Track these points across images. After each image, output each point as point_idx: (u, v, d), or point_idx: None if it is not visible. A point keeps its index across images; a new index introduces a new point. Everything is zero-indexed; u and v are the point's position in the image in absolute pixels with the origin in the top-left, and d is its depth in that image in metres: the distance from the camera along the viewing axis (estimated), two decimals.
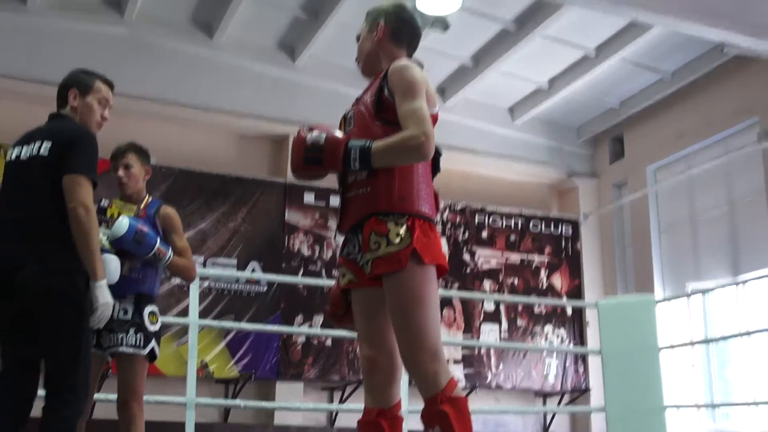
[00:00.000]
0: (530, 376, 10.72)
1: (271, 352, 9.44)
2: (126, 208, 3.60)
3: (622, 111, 11.31)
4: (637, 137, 11.40)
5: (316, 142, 2.51)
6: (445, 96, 10.96)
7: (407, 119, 2.49)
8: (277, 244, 9.88)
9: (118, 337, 3.41)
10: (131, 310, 3.47)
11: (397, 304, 2.45)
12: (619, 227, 11.71)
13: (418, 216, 2.51)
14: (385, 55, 2.77)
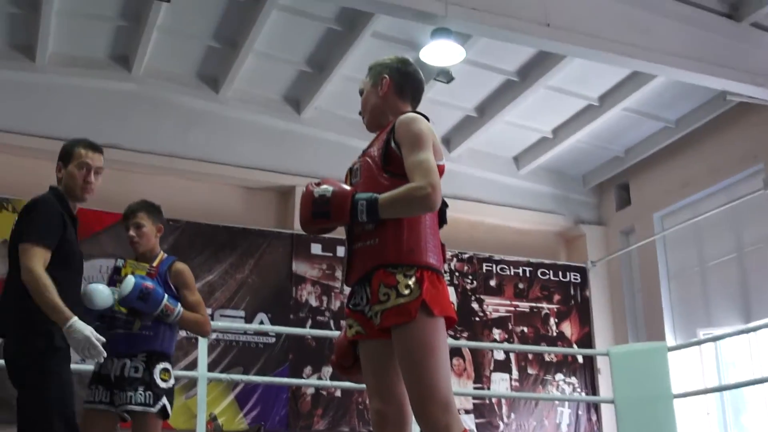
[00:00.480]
0: (543, 426, 10.58)
1: (281, 403, 9.34)
2: (139, 267, 3.61)
3: (627, 159, 11.32)
4: (643, 185, 11.39)
5: (324, 195, 2.51)
6: (450, 146, 11.01)
7: (414, 171, 2.49)
8: (284, 295, 9.84)
9: (127, 396, 3.41)
10: (142, 368, 3.47)
11: (407, 356, 2.43)
12: (627, 274, 11.64)
13: (427, 267, 2.50)
14: (390, 109, 2.78)
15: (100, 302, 3.38)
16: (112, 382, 3.47)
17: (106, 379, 3.49)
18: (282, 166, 10.19)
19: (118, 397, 3.44)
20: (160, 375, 3.51)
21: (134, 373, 3.46)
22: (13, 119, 9.07)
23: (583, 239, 11.87)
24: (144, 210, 3.80)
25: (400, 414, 2.51)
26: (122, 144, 9.48)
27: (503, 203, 11.47)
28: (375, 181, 2.57)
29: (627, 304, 11.46)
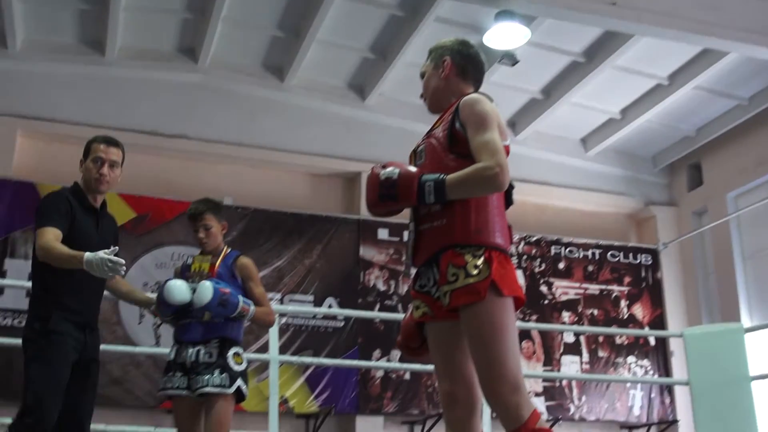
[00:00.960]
0: (614, 408, 10.45)
1: (350, 386, 9.41)
2: (205, 260, 3.81)
3: (698, 138, 11.05)
4: (715, 164, 11.11)
5: (390, 177, 2.51)
6: (516, 129, 10.91)
7: (481, 151, 2.47)
8: (352, 279, 9.90)
9: (204, 379, 3.54)
10: (215, 353, 3.62)
11: (476, 336, 2.41)
12: (700, 255, 11.39)
13: (495, 248, 2.48)
14: (452, 91, 2.77)
15: (179, 297, 3.58)
16: (188, 368, 3.60)
17: (182, 365, 3.62)
18: (347, 153, 10.23)
19: (195, 381, 3.56)
20: (233, 359, 3.64)
21: (208, 358, 3.59)
22: (84, 112, 9.29)
23: (654, 221, 11.65)
24: (210, 211, 3.88)
25: (470, 395, 2.50)
26: (189, 134, 9.65)
27: (571, 185, 11.33)
28: (441, 163, 2.55)
29: (700, 286, 11.22)
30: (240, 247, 9.63)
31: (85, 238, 3.40)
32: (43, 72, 9.28)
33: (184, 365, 3.63)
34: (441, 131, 2.65)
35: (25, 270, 8.68)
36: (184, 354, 3.64)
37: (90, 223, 3.45)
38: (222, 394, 3.55)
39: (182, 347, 3.65)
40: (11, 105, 9.10)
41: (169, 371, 3.67)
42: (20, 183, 8.88)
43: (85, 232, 3.41)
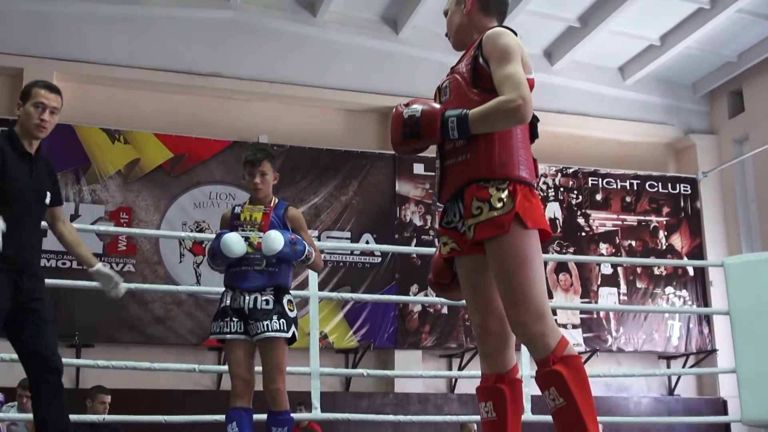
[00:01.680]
0: (652, 339, 10.47)
1: (389, 321, 9.52)
2: (255, 210, 3.86)
3: (740, 63, 10.80)
4: (757, 90, 10.86)
5: (413, 115, 2.48)
6: (552, 59, 10.75)
7: (503, 84, 2.43)
8: (389, 215, 9.92)
9: (263, 324, 3.67)
10: (272, 300, 3.73)
11: (501, 268, 2.40)
12: (741, 184, 11.22)
13: (519, 181, 2.46)
14: (476, 27, 2.70)
15: (237, 251, 3.67)
16: (246, 314, 3.70)
17: (240, 311, 3.72)
18: (382, 88, 10.14)
19: (254, 327, 3.68)
20: (287, 305, 3.76)
21: (266, 305, 3.71)
22: (118, 53, 9.28)
23: (694, 149, 11.48)
24: (268, 159, 3.90)
25: (502, 326, 2.50)
26: (223, 72, 9.61)
27: (609, 115, 11.17)
28: (465, 98, 2.51)
29: (741, 215, 11.09)
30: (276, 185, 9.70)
31: (17, 183, 3.34)
32: (77, 13, 9.26)
33: (241, 311, 3.72)
34: (465, 66, 2.59)
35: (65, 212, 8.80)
36: (240, 300, 3.73)
37: (23, 167, 3.40)
38: (280, 338, 3.70)
39: (237, 294, 3.74)
40: (47, 47, 9.12)
41: (224, 316, 3.76)
42: (58, 125, 8.91)
43: (17, 177, 3.34)
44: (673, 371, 10.36)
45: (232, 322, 3.72)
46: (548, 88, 10.76)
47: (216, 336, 3.78)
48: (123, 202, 8.99)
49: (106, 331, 8.54)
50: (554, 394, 2.25)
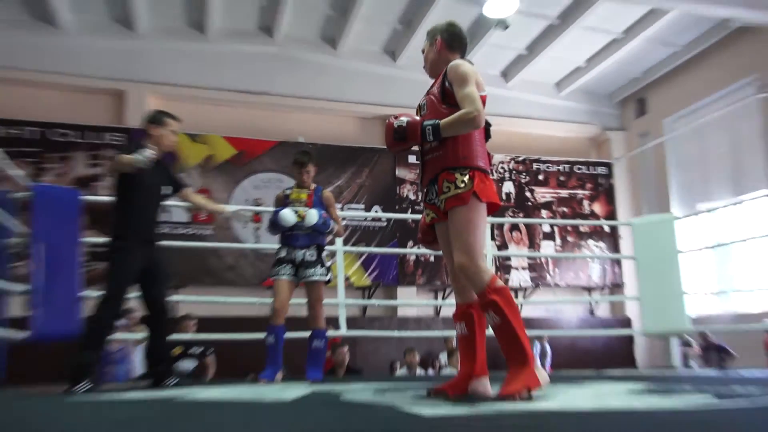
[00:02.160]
0: (579, 276, 10.50)
1: (392, 267, 9.56)
2: (301, 192, 3.97)
3: (644, 78, 10.71)
4: (656, 97, 10.79)
5: (401, 125, 2.51)
6: (507, 78, 10.65)
7: (463, 101, 2.45)
8: (391, 192, 9.93)
9: (310, 271, 3.81)
10: (315, 254, 3.85)
11: (455, 228, 2.44)
12: (643, 166, 11.18)
13: (477, 168, 2.49)
14: (444, 60, 2.70)
15: (291, 221, 3.80)
16: (297, 264, 3.83)
17: (292, 261, 3.83)
18: (385, 101, 10.09)
19: (303, 272, 3.82)
20: (325, 259, 3.90)
21: (311, 257, 3.84)
22: (193, 78, 9.25)
23: (609, 142, 11.43)
24: (311, 162, 4.03)
25: None
26: (270, 91, 9.58)
27: (548, 118, 11.11)
28: (437, 111, 2.54)
29: (642, 188, 11.07)
30: None
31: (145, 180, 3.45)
32: (164, 48, 9.23)
33: (293, 261, 3.82)
34: (436, 89, 2.62)
35: None
36: (293, 254, 3.83)
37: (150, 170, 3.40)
38: (322, 281, 3.83)
39: (291, 249, 3.83)
40: (142, 74, 9.10)
41: (281, 264, 3.84)
42: None
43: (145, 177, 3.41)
44: (594, 299, 10.43)
45: (287, 268, 3.83)
46: (504, 99, 10.70)
47: (274, 277, 3.84)
48: (203, 185, 9.01)
49: (193, 277, 8.62)
50: (492, 315, 2.30)
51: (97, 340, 3.19)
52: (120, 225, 3.35)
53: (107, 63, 8.96)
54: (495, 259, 9.81)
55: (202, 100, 9.34)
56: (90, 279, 8.11)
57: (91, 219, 8.46)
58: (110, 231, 3.38)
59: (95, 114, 8.98)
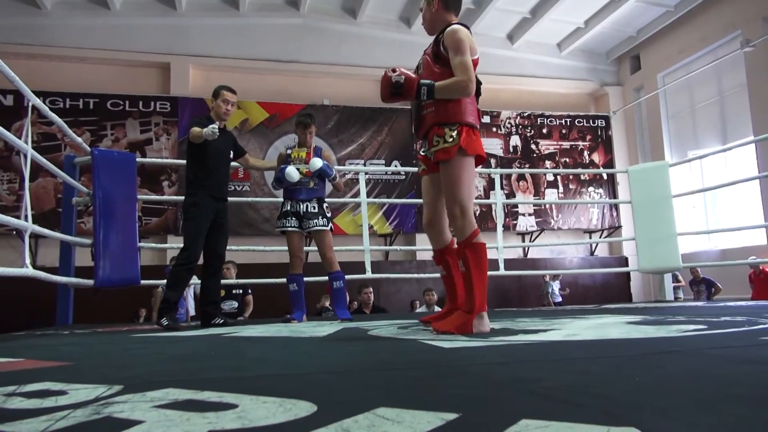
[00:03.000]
0: (579, 220, 10.40)
1: (411, 215, 9.54)
2: (301, 150, 3.82)
3: (638, 37, 10.33)
4: (649, 54, 10.41)
5: (398, 81, 2.42)
6: (513, 40, 10.33)
7: (456, 68, 2.38)
8: (409, 148, 9.82)
9: (313, 222, 3.67)
10: (317, 207, 3.71)
11: (445, 180, 2.41)
12: (638, 118, 10.91)
13: (465, 124, 2.43)
14: (441, 20, 2.60)
15: (295, 177, 3.67)
16: (301, 215, 3.69)
17: (296, 213, 3.70)
18: (402, 64, 9.85)
19: (306, 223, 3.68)
20: (326, 210, 3.76)
21: (313, 209, 3.70)
22: (229, 49, 9.13)
23: (607, 96, 11.11)
24: (313, 123, 3.88)
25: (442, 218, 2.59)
26: (298, 59, 9.42)
27: (551, 76, 10.82)
28: (431, 71, 2.46)
29: (638, 138, 10.83)
30: (336, 132, 9.58)
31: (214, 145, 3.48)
32: (203, 24, 9.09)
33: (297, 213, 3.71)
34: (431, 50, 2.54)
35: None
36: (297, 207, 3.71)
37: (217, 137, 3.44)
38: (325, 229, 3.71)
39: (294, 202, 3.72)
40: (184, 47, 9.00)
41: (286, 216, 3.73)
42: (195, 99, 8.91)
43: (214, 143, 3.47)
44: (593, 240, 10.33)
45: (292, 220, 3.71)
46: (510, 60, 10.40)
47: (280, 229, 3.75)
48: None
49: (234, 228, 8.69)
50: (461, 264, 2.36)
51: (178, 283, 3.36)
52: (194, 184, 3.46)
53: (153, 39, 8.86)
54: (504, 206, 9.72)
55: (238, 69, 9.23)
56: (145, 232, 8.31)
57: (144, 179, 8.60)
58: (186, 189, 3.49)
59: (144, 85, 8.95)
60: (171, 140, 8.77)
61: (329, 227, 3.72)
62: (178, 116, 8.78)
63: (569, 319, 2.84)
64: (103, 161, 4.08)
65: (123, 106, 8.68)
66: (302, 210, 3.72)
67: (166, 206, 8.58)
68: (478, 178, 10.05)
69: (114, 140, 8.61)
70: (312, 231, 3.69)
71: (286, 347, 1.96)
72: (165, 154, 8.66)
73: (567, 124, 10.79)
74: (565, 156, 10.69)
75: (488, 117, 10.29)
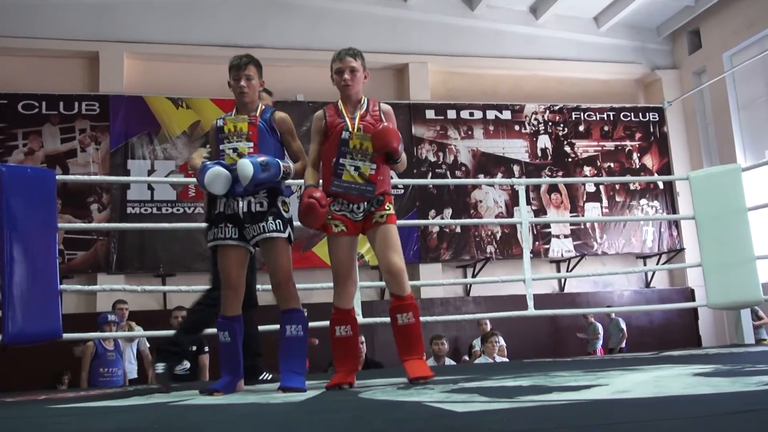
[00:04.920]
0: (630, 242, 10.46)
1: (413, 241, 9.57)
2: (239, 120, 3.19)
3: (697, 6, 10.49)
4: (712, 28, 10.56)
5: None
6: (537, 14, 10.51)
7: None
8: (408, 153, 9.83)
9: (260, 227, 3.05)
10: (266, 202, 3.10)
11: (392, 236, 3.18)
12: (700, 109, 11.02)
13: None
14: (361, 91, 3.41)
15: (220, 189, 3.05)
16: (241, 219, 3.08)
17: (234, 217, 3.10)
18: (395, 48, 10.00)
19: (250, 230, 3.07)
20: (282, 207, 3.14)
21: (260, 207, 3.08)
22: (175, 33, 9.22)
23: (660, 83, 11.25)
24: (254, 63, 3.27)
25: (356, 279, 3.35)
26: (264, 43, 9.50)
27: (587, 59, 10.96)
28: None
29: (701, 136, 10.93)
30: None
31: None
32: (138, 2, 9.18)
33: (235, 216, 3.09)
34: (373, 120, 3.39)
35: (144, 167, 8.90)
36: (234, 205, 3.09)
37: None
38: (279, 238, 3.06)
39: (230, 199, 3.09)
40: (117, 32, 9.08)
41: (218, 222, 3.12)
42: (131, 97, 8.96)
43: None
44: (649, 268, 10.36)
45: (227, 228, 3.09)
46: (534, 39, 10.54)
47: (211, 243, 3.15)
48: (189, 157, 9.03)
49: (184, 262, 8.69)
50: (410, 316, 3.04)
51: (196, 327, 3.53)
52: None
53: (77, 21, 8.95)
54: (532, 227, 9.75)
55: (186, 58, 9.29)
56: (68, 270, 8.29)
57: (67, 201, 8.60)
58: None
59: (66, 81, 9.00)
60: (101, 151, 8.80)
61: (286, 235, 3.09)
62: (109, 119, 8.82)
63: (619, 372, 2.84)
64: (13, 181, 4.09)
65: (39, 108, 8.71)
66: (242, 209, 3.09)
67: (96, 236, 8.56)
68: (498, 191, 10.10)
69: (27, 152, 8.62)
70: (259, 241, 3.08)
71: (251, 418, 1.96)
72: (93, 169, 8.68)
73: (610, 119, 10.90)
74: (609, 160, 10.78)
75: (508, 112, 10.39)
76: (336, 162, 3.12)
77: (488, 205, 10.04)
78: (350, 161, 3.13)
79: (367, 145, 3.18)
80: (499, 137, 10.32)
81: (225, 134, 3.16)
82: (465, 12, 10.22)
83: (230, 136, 3.15)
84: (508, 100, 10.44)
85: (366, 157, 3.17)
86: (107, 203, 8.66)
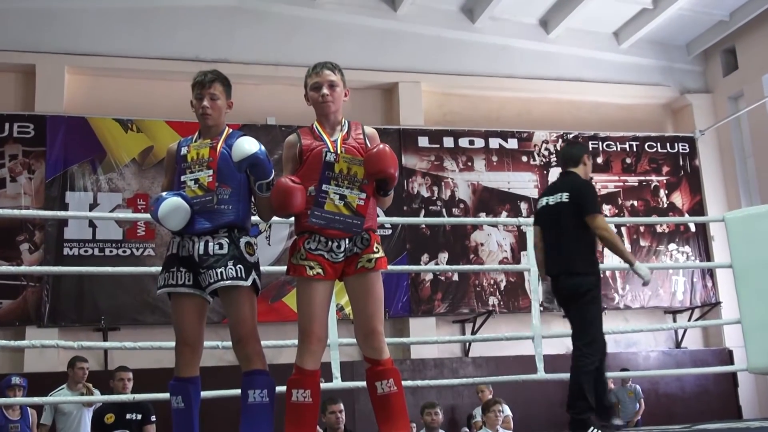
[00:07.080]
0: (658, 294, 10.45)
1: (402, 290, 9.53)
2: (202, 146, 3.18)
3: (732, 22, 10.67)
4: (750, 47, 10.74)
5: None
6: (548, 28, 10.66)
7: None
8: (397, 189, 9.81)
9: (217, 273, 3.00)
10: (226, 243, 3.05)
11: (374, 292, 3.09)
12: (738, 139, 11.14)
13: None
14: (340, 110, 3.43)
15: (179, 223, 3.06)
16: (196, 262, 3.04)
17: (188, 260, 3.06)
18: (383, 65, 10.07)
19: (206, 276, 3.02)
20: (246, 249, 3.09)
21: (219, 249, 3.03)
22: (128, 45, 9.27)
23: (690, 109, 11.38)
24: (220, 81, 3.26)
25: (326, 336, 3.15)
26: (230, 58, 9.56)
27: (606, 80, 11.08)
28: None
29: (738, 170, 11.01)
30: None
31: None
32: (83, 8, 9.24)
33: (190, 259, 3.05)
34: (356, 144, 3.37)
35: (85, 201, 8.85)
36: (189, 247, 3.06)
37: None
38: (240, 287, 3.01)
39: (186, 239, 3.07)
40: (57, 43, 9.10)
41: (171, 266, 3.08)
42: (72, 118, 8.95)
43: None
44: (680, 325, 10.35)
45: (180, 273, 3.06)
46: (545, 56, 10.68)
47: (161, 290, 3.10)
48: (139, 188, 8.99)
49: (130, 314, 8.60)
50: (391, 383, 2.97)
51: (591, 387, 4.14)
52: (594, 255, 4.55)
53: (9, 29, 8.98)
54: None
55: (138, 73, 9.32)
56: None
57: None
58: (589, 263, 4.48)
59: None
60: (35, 180, 8.74)
61: (249, 282, 3.03)
62: (46, 144, 8.79)
63: None
64: None
65: None
66: (198, 251, 3.06)
67: (26, 282, 8.46)
68: (502, 232, 10.11)
69: None
70: (218, 290, 3.03)
71: None
72: (25, 202, 8.62)
73: (633, 150, 10.99)
74: (632, 197, 10.84)
75: (515, 141, 10.46)
76: (318, 188, 3.01)
77: (491, 249, 10.03)
78: (335, 188, 3.03)
79: (355, 170, 3.11)
80: (504, 169, 10.36)
81: (188, 163, 3.16)
82: (465, 24, 10.34)
83: (192, 165, 3.15)
84: (514, 126, 10.51)
85: (354, 185, 3.06)
86: (40, 243, 8.58)
